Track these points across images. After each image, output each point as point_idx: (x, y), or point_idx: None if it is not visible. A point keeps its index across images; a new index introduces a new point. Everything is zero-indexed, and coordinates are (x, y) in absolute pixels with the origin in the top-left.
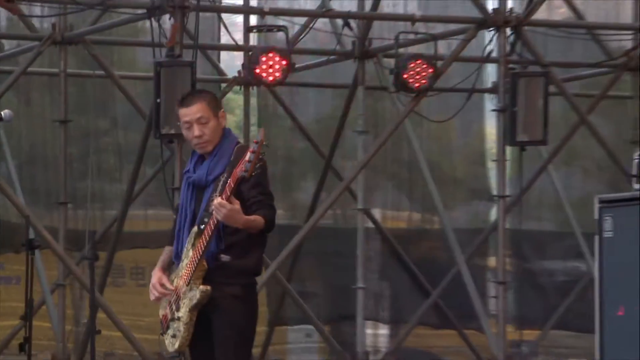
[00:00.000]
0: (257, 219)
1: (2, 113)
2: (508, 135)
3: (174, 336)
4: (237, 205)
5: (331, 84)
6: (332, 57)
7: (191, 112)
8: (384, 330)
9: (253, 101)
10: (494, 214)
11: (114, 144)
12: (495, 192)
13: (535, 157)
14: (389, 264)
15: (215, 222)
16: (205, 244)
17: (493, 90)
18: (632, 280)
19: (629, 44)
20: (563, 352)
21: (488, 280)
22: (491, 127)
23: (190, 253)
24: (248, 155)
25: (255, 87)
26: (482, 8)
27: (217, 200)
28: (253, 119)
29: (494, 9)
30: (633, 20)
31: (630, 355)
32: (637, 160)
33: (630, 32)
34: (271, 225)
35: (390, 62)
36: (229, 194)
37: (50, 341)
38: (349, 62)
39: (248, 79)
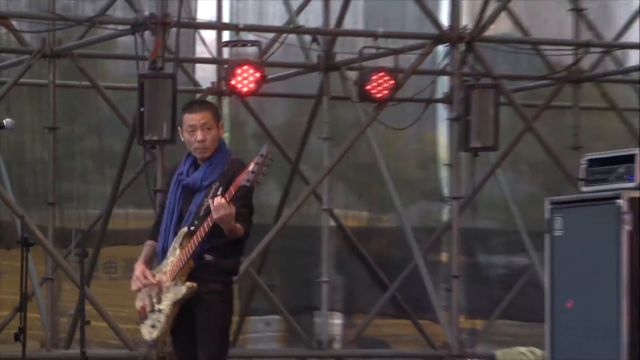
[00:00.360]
0: (240, 228)
1: (4, 122)
2: (462, 142)
3: (152, 326)
4: (233, 210)
5: (298, 94)
6: (299, 69)
7: (197, 118)
8: (339, 321)
9: (225, 110)
10: (445, 213)
11: (96, 149)
12: (446, 194)
13: (484, 161)
14: (348, 260)
15: (211, 223)
16: (195, 245)
17: (447, 100)
18: (580, 276)
19: (569, 59)
20: (508, 340)
21: (441, 275)
22: (442, 134)
23: (178, 252)
24: (252, 167)
25: (227, 97)
26: (438, 25)
27: (220, 200)
28: (225, 127)
29: (449, 26)
30: (573, 37)
31: (577, 343)
32: (584, 165)
33: (570, 47)
34: (247, 237)
35: (354, 74)
36: (228, 199)
37: (38, 331)
38: (315, 74)
39: (221, 89)
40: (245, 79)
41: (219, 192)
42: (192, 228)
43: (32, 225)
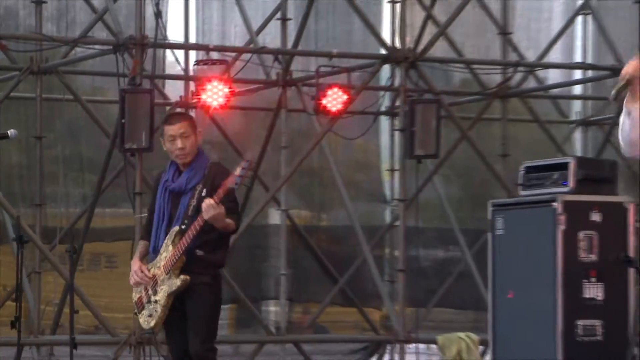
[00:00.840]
0: (231, 222)
1: (8, 132)
2: (407, 150)
3: (150, 316)
4: (222, 210)
5: (259, 107)
6: (260, 85)
7: (176, 128)
8: (287, 309)
9: None
10: (387, 214)
11: (77, 155)
12: (388, 197)
13: (422, 167)
14: (299, 255)
15: (201, 222)
16: (187, 242)
17: (393, 113)
18: (520, 270)
19: (496, 76)
20: (444, 326)
21: (385, 268)
22: (384, 143)
23: (170, 248)
24: (239, 171)
25: (194, 110)
26: (385, 46)
27: (210, 201)
28: None
29: (395, 48)
30: (500, 57)
31: (517, 332)
32: (522, 172)
33: (499, 67)
34: (237, 229)
35: (312, 89)
36: (217, 200)
37: (24, 319)
38: (274, 89)
39: (189, 103)
40: (215, 94)
41: (203, 193)
42: (183, 227)
43: (25, 225)
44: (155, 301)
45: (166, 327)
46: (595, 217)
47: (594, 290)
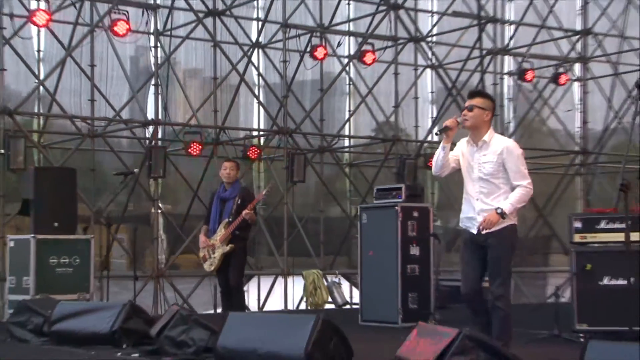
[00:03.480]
0: (255, 219)
1: (135, 170)
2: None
3: (211, 265)
4: (254, 215)
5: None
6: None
7: (226, 164)
8: None
9: None
10: None
11: None
12: None
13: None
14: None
15: (240, 219)
16: (233, 228)
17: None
18: (377, 241)
19: None
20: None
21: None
22: None
23: (223, 230)
24: (264, 192)
25: None
26: (274, 122)
27: (248, 212)
28: None
29: (279, 126)
30: None
31: (375, 279)
32: (376, 190)
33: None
34: (255, 224)
35: None
36: (250, 208)
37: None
38: None
39: None
40: None
41: (239, 202)
42: (230, 219)
43: None
44: (213, 257)
45: (218, 271)
46: (415, 213)
47: (414, 250)
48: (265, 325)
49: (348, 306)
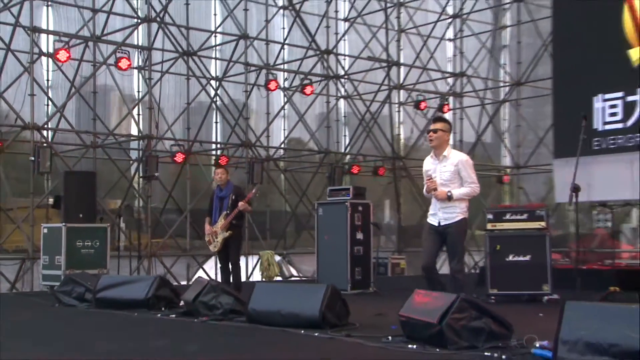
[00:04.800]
0: (250, 210)
1: (156, 174)
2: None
3: (214, 247)
4: (249, 207)
5: None
6: None
7: (219, 171)
8: None
9: None
10: None
11: None
12: None
13: None
14: None
15: (237, 211)
16: (231, 218)
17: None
18: (331, 229)
19: None
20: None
21: None
22: None
23: (222, 220)
24: (254, 190)
25: None
26: (240, 139)
27: (244, 204)
28: None
29: (242, 140)
30: None
31: (330, 262)
32: (328, 190)
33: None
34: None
35: None
36: (245, 202)
37: None
38: None
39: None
40: None
41: (233, 197)
42: (227, 212)
43: None
44: (216, 241)
45: (219, 252)
46: (360, 208)
47: (359, 235)
48: (286, 292)
49: (293, 278)
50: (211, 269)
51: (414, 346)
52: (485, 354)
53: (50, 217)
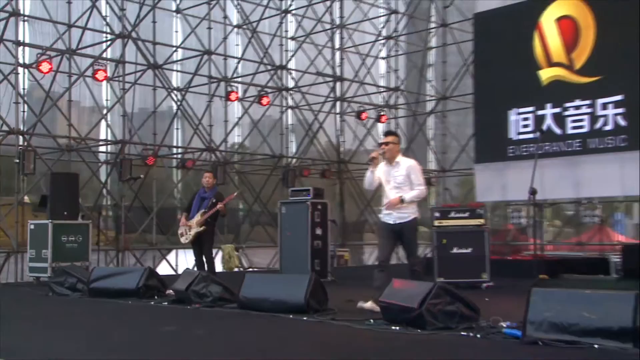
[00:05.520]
0: (224, 211)
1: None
2: None
3: (186, 239)
4: (224, 209)
5: None
6: None
7: (207, 175)
8: None
9: None
10: None
11: None
12: None
13: None
14: None
15: (214, 210)
16: (207, 216)
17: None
18: (293, 224)
19: None
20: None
21: None
22: None
23: (199, 217)
24: (233, 196)
25: None
26: (204, 142)
27: (221, 204)
28: None
29: (207, 145)
30: None
31: (292, 257)
32: (290, 190)
33: None
34: (225, 215)
35: None
36: (222, 204)
37: None
38: None
39: None
40: None
41: (214, 200)
42: (205, 210)
43: None
44: (189, 234)
45: (193, 245)
46: (319, 206)
47: (318, 230)
48: (273, 281)
49: (251, 269)
50: (172, 260)
51: (397, 328)
52: (462, 333)
53: (25, 215)
